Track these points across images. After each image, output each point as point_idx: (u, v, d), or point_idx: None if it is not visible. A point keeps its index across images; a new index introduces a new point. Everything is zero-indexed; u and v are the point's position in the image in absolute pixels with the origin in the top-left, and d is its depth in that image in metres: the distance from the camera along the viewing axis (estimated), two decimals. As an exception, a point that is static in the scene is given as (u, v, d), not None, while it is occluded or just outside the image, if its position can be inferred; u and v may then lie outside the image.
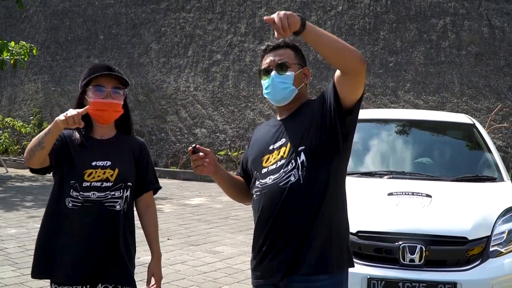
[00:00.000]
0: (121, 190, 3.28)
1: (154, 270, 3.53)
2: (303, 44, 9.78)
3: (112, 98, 3.26)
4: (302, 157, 2.95)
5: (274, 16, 2.69)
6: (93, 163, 3.25)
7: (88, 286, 3.26)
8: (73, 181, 3.18)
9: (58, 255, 3.25)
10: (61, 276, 3.25)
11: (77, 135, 3.30)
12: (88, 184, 3.21)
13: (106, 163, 3.27)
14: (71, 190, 3.20)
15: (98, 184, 3.22)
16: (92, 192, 3.21)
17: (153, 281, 3.52)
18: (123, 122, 3.44)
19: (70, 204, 3.21)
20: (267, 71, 3.13)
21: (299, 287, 2.94)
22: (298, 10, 16.53)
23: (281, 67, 3.09)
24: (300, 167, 2.94)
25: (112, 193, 3.25)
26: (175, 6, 18.37)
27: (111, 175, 3.25)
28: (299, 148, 2.96)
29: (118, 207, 3.26)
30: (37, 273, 3.35)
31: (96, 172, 3.23)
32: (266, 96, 3.17)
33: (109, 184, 3.24)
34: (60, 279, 3.26)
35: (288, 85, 3.08)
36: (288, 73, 3.08)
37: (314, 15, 16.35)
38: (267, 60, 3.14)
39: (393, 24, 15.33)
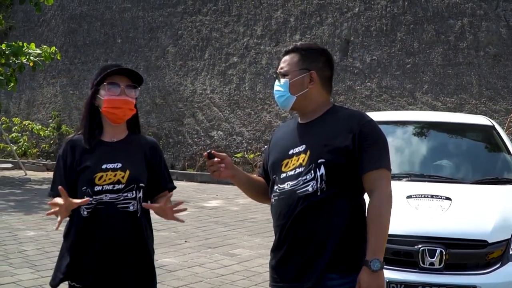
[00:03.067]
0: (134, 192, 3.21)
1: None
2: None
3: (126, 95, 3.23)
4: (322, 170, 2.92)
5: None
6: (103, 166, 3.20)
7: None
8: (85, 187, 3.14)
9: (77, 261, 3.22)
10: (79, 281, 3.24)
11: (86, 139, 3.29)
12: (100, 188, 3.16)
13: (117, 165, 3.21)
14: (84, 197, 3.13)
15: (110, 187, 3.17)
16: (104, 195, 3.17)
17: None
18: (133, 122, 3.40)
19: (85, 213, 3.17)
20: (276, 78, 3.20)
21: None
22: (314, 13, 16.51)
23: (278, 76, 3.14)
24: (319, 180, 2.92)
25: (125, 194, 3.19)
26: (191, 9, 18.40)
27: (122, 177, 3.19)
28: (319, 160, 2.93)
29: (131, 207, 3.20)
30: (55, 280, 3.32)
31: (106, 175, 3.18)
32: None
33: (121, 186, 3.18)
34: (77, 282, 3.24)
35: (284, 92, 3.10)
36: (283, 81, 3.10)
37: (331, 16, 16.29)
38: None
39: (410, 25, 15.24)
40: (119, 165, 3.22)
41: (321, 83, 3.11)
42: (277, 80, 3.14)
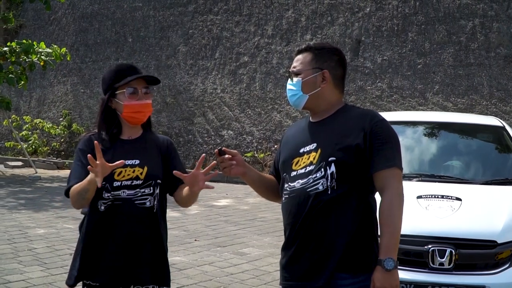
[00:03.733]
0: (151, 188, 3.26)
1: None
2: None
3: (144, 99, 3.30)
4: (332, 168, 2.93)
5: None
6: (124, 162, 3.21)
7: None
8: (104, 182, 3.12)
9: (94, 258, 3.25)
10: (94, 278, 3.26)
11: (104, 138, 3.33)
12: (119, 183, 3.21)
13: (135, 161, 3.26)
14: (103, 192, 3.19)
15: (128, 182, 3.22)
16: (122, 191, 3.21)
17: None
18: (146, 120, 3.45)
19: (102, 207, 3.22)
20: (288, 77, 3.21)
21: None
22: (325, 12, 16.51)
23: (291, 75, 3.15)
24: (329, 178, 2.93)
25: (142, 190, 3.24)
26: (202, 8, 18.43)
27: (141, 173, 3.25)
28: (330, 159, 2.95)
29: (148, 203, 3.24)
30: (71, 279, 3.32)
31: (125, 171, 3.23)
32: None
33: (139, 182, 3.23)
34: (93, 280, 3.26)
35: (296, 92, 3.11)
36: (295, 80, 3.11)
37: (342, 16, 16.28)
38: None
39: (421, 25, 15.22)
40: (137, 161, 3.27)
41: (333, 82, 3.12)
42: (289, 79, 3.15)
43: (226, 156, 3.15)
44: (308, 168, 2.99)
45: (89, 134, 3.41)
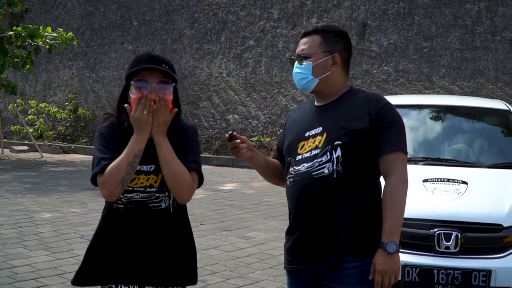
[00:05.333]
0: (166, 192, 3.02)
1: None
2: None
3: (157, 93, 2.88)
4: (338, 152, 2.93)
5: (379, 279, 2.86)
6: (138, 168, 2.93)
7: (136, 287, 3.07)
8: None
9: (108, 258, 3.06)
10: (110, 279, 3.07)
11: (121, 137, 2.97)
12: (131, 188, 2.96)
13: (151, 167, 2.95)
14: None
15: (141, 189, 2.98)
16: (135, 194, 2.98)
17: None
18: (172, 121, 2.98)
19: (115, 205, 3.03)
20: (293, 60, 3.15)
21: (333, 273, 2.93)
22: (331, -5, 16.40)
23: (300, 58, 3.09)
24: (335, 162, 2.92)
25: (157, 194, 3.01)
26: (208, -8, 18.35)
27: (155, 181, 2.98)
28: (335, 142, 2.94)
29: (163, 205, 3.03)
30: (81, 279, 3.12)
31: (139, 178, 2.95)
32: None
33: (153, 189, 2.99)
34: (109, 282, 3.08)
35: (306, 75, 3.07)
36: (305, 63, 3.07)
37: (348, 0, 16.19)
38: (296, 48, 3.16)
39: (428, 8, 15.12)
40: (153, 167, 2.96)
41: (342, 66, 3.11)
42: (296, 62, 3.11)
43: (238, 141, 3.14)
44: (314, 152, 2.98)
45: (108, 117, 3.11)
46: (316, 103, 3.16)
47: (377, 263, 2.84)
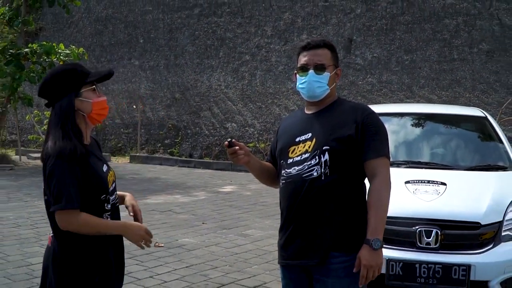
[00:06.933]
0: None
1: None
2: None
3: (103, 95, 2.85)
4: (326, 156, 2.92)
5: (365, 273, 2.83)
6: (104, 169, 2.81)
7: None
8: (104, 195, 2.73)
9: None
10: None
11: (81, 149, 2.67)
12: (112, 188, 2.84)
13: (105, 166, 2.83)
14: (105, 204, 2.76)
15: (113, 186, 2.86)
16: (113, 201, 2.84)
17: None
18: None
19: (109, 219, 2.78)
20: (305, 69, 3.07)
21: (322, 267, 2.91)
22: (320, 14, 16.43)
23: (319, 68, 3.04)
24: (323, 165, 2.92)
25: (116, 197, 2.90)
26: (207, 11, 18.37)
27: (113, 181, 2.87)
28: (324, 147, 2.93)
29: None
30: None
31: (110, 175, 2.84)
32: (300, 90, 3.11)
33: (114, 185, 2.88)
34: None
35: (323, 84, 3.04)
36: (324, 73, 3.05)
37: (335, 17, 16.21)
38: (306, 57, 3.08)
39: (408, 24, 15.14)
40: (106, 166, 2.85)
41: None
42: (313, 71, 3.04)
43: (236, 147, 3.12)
44: (304, 156, 2.98)
45: (66, 145, 2.63)
46: (306, 111, 3.15)
47: (362, 258, 2.82)
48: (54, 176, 2.57)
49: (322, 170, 2.91)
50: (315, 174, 2.92)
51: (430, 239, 4.58)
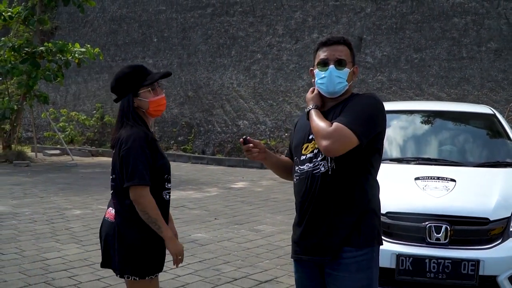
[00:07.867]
0: None
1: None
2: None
3: (162, 93, 3.34)
4: None
5: None
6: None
7: None
8: (166, 175, 3.31)
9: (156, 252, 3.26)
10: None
11: (151, 135, 3.26)
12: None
13: None
14: (166, 183, 3.32)
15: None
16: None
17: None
18: None
19: (167, 196, 3.36)
20: (325, 63, 2.99)
21: (334, 262, 2.91)
22: (330, 13, 16.39)
23: (340, 63, 2.98)
24: (329, 160, 2.89)
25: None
26: (220, 11, 18.37)
27: None
28: None
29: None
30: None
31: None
32: (319, 86, 3.03)
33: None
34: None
35: (343, 80, 2.98)
36: (345, 69, 2.98)
37: (345, 16, 16.17)
38: (326, 53, 3.00)
39: (418, 23, 15.07)
40: None
41: None
42: (333, 67, 2.97)
43: (250, 145, 3.12)
44: (314, 152, 2.96)
45: (138, 131, 3.22)
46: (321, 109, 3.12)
47: None
48: (130, 157, 3.09)
49: (329, 164, 2.89)
50: (322, 169, 2.91)
51: (439, 235, 4.56)
